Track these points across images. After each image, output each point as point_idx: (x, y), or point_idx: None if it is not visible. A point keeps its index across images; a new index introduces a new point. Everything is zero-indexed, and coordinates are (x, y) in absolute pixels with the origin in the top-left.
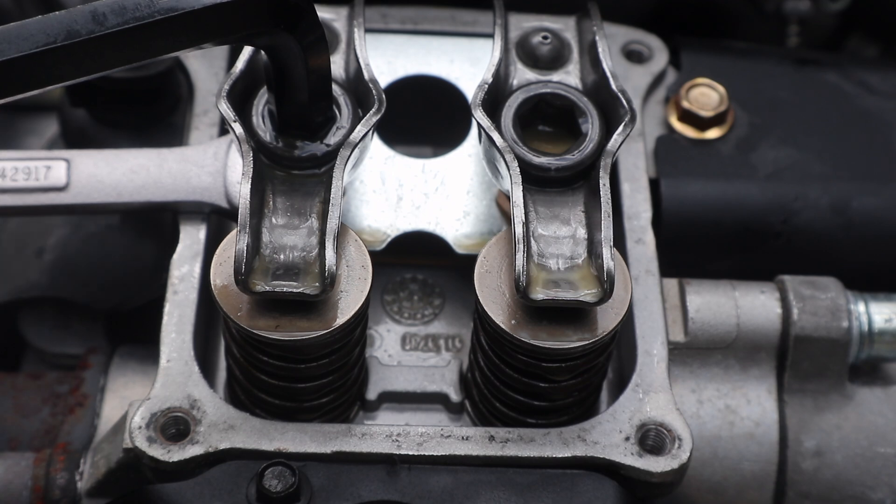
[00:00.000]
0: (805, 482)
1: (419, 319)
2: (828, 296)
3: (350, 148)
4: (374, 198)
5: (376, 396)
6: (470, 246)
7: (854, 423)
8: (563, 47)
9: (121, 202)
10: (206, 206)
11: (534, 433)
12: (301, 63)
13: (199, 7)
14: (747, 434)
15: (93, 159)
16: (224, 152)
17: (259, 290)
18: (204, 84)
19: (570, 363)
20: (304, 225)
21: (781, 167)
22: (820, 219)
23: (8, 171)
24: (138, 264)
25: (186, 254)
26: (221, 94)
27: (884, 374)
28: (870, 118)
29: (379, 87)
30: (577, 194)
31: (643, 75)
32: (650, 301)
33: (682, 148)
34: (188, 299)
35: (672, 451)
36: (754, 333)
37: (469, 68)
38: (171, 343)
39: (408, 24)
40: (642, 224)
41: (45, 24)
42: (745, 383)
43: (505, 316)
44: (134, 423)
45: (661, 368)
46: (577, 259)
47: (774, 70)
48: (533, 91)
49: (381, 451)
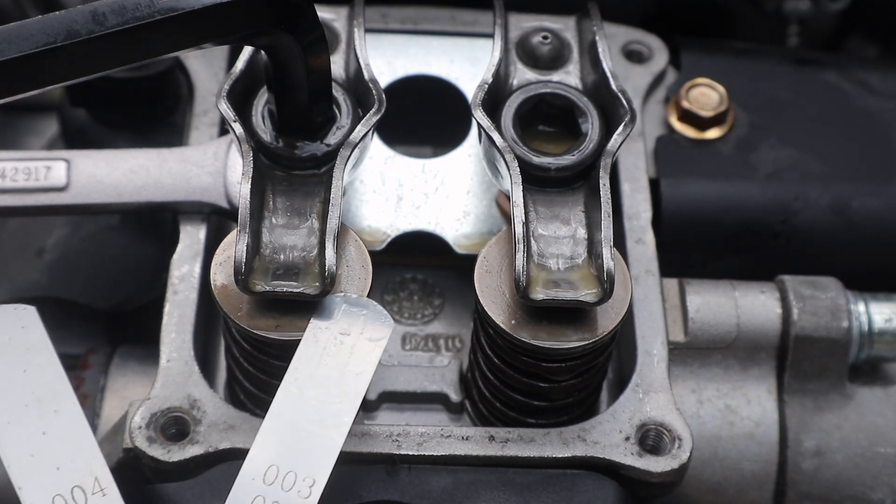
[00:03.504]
0: (805, 482)
1: (419, 319)
2: (828, 296)
3: (350, 148)
4: (374, 198)
5: (376, 396)
6: (470, 246)
7: (854, 423)
8: (563, 47)
9: (121, 202)
10: (206, 206)
11: (534, 433)
12: (301, 63)
13: (199, 7)
14: (747, 434)
15: (93, 159)
16: (224, 152)
17: (259, 290)
18: (204, 84)
19: (570, 363)
20: (304, 225)
21: (781, 167)
22: (820, 219)
23: (8, 172)
24: (138, 264)
25: (186, 254)
26: (221, 94)
27: (884, 374)
28: (870, 118)
29: (379, 87)
30: (577, 194)
31: (643, 75)
32: (650, 301)
33: (682, 148)
34: (188, 299)
35: (672, 451)
36: (754, 333)
37: (469, 68)
38: (171, 343)
39: (408, 24)
40: (642, 224)
41: (45, 24)
42: (745, 383)
43: (505, 316)
44: (134, 423)
45: (661, 368)
46: (577, 259)
47: (774, 70)
48: (533, 91)
49: (381, 451)
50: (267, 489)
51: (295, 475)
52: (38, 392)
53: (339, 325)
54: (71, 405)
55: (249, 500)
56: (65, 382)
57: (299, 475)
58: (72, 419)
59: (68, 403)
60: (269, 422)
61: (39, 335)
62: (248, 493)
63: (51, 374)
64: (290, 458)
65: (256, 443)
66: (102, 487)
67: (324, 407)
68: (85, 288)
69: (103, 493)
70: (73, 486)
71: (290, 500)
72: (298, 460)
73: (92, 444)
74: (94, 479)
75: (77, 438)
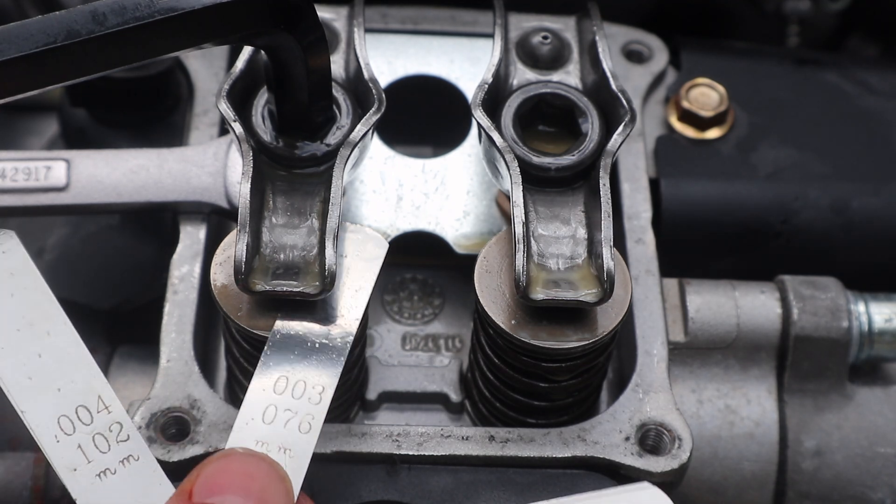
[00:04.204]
0: (805, 482)
1: (419, 319)
2: (828, 296)
3: (350, 147)
4: (374, 198)
5: (376, 396)
6: (470, 246)
7: (854, 423)
8: (563, 47)
9: (121, 202)
10: (206, 206)
11: (534, 433)
12: (301, 63)
13: (199, 7)
14: (747, 434)
15: (93, 159)
16: (224, 152)
17: (259, 289)
18: (204, 84)
19: (570, 363)
20: (304, 224)
21: (781, 167)
22: (820, 219)
23: (8, 172)
24: (138, 264)
25: (186, 254)
26: (221, 94)
27: (884, 374)
28: (870, 118)
29: (379, 86)
30: (577, 194)
31: (643, 75)
32: (650, 301)
33: (682, 148)
34: (188, 299)
35: (672, 451)
36: (754, 333)
37: (469, 68)
38: (171, 343)
39: (408, 24)
40: (642, 224)
41: (45, 24)
42: (745, 383)
43: (505, 316)
44: (134, 423)
45: (661, 368)
46: (577, 259)
47: (774, 70)
48: (533, 91)
49: (381, 451)
50: (278, 398)
51: (305, 384)
52: (28, 315)
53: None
54: (63, 325)
55: (261, 410)
56: (54, 303)
57: (309, 383)
58: (66, 339)
59: (60, 324)
60: (276, 339)
61: (22, 258)
62: (259, 404)
63: (39, 296)
64: (299, 369)
65: (263, 359)
66: (107, 405)
67: (328, 321)
68: (85, 288)
69: (108, 410)
70: (77, 406)
71: (301, 407)
72: (307, 370)
73: (90, 363)
74: (97, 397)
75: (74, 358)
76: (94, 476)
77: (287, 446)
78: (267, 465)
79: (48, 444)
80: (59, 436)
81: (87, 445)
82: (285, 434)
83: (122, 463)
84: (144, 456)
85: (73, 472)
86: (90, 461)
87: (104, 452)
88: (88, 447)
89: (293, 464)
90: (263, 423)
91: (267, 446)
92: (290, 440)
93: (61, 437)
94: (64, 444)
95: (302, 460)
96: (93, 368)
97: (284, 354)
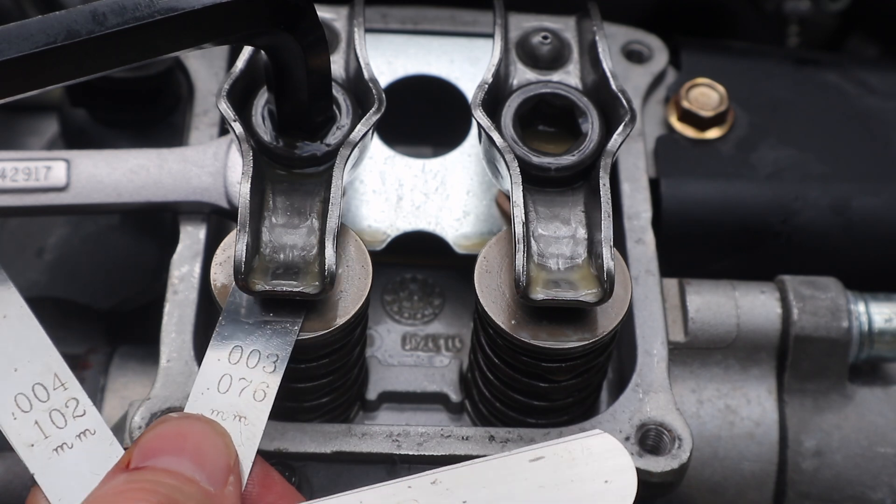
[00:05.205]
0: (805, 482)
1: (419, 319)
2: (828, 296)
3: (350, 147)
4: (374, 198)
5: (376, 396)
6: (470, 246)
7: (854, 423)
8: (563, 47)
9: (121, 202)
10: (206, 206)
11: (534, 433)
12: (301, 63)
13: (199, 7)
14: (747, 434)
15: (93, 159)
16: (224, 152)
17: (259, 289)
18: (204, 84)
19: (570, 363)
20: (304, 224)
21: (781, 167)
22: (820, 219)
23: (8, 172)
24: (138, 264)
25: (186, 254)
26: (221, 94)
27: (884, 374)
28: (870, 118)
29: (379, 86)
30: (577, 194)
31: (643, 75)
32: (650, 301)
33: (682, 148)
34: (188, 299)
35: (672, 451)
36: (754, 333)
37: (469, 68)
38: (171, 343)
39: (408, 24)
40: (642, 224)
41: (45, 24)
42: (745, 383)
43: (505, 316)
44: (134, 423)
45: (661, 368)
46: (577, 259)
47: (774, 70)
48: (533, 91)
49: (381, 451)
50: (232, 368)
51: (259, 353)
52: None
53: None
54: (19, 308)
55: (216, 380)
56: (9, 287)
57: (263, 353)
58: (22, 321)
59: (15, 307)
60: (228, 313)
61: None
62: (214, 374)
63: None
64: (253, 339)
65: (218, 329)
66: (63, 382)
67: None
68: (85, 288)
69: (64, 387)
70: (34, 384)
71: (255, 376)
72: (261, 340)
73: (47, 345)
74: (53, 375)
75: (30, 340)
76: (52, 451)
77: (242, 414)
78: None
79: (5, 421)
80: (16, 413)
81: (45, 421)
82: (240, 403)
83: (79, 437)
84: (101, 430)
85: (31, 447)
86: (47, 436)
87: (61, 428)
88: (45, 423)
89: (248, 431)
90: (219, 392)
91: (222, 415)
92: (244, 408)
93: (18, 414)
94: (21, 420)
95: (257, 427)
96: (49, 349)
97: (239, 325)
